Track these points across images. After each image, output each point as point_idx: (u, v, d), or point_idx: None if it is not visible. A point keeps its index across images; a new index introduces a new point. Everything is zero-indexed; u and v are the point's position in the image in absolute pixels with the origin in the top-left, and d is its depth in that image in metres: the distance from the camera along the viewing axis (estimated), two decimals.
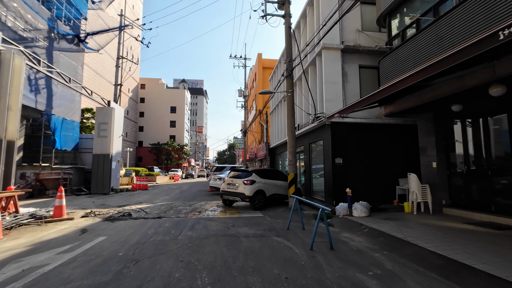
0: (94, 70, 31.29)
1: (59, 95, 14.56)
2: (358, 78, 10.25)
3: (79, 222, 6.85)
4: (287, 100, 9.71)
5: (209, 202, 10.73)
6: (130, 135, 43.81)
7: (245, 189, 8.64)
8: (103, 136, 15.12)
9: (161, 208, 8.98)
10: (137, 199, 12.05)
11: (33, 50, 12.37)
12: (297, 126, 13.03)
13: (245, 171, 9.42)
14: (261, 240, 5.16)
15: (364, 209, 7.20)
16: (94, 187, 14.72)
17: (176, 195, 13.96)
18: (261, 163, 25.41)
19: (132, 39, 42.40)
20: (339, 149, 9.58)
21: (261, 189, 8.96)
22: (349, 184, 9.31)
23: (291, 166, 9.39)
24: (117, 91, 17.41)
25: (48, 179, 12.53)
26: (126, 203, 10.41)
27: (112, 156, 15.29)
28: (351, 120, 9.70)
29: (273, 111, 20.47)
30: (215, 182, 14.01)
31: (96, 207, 9.52)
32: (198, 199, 12.03)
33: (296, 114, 9.81)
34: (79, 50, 16.54)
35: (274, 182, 9.66)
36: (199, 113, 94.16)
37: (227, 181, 9.35)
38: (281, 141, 17.49)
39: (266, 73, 29.92)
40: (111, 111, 15.36)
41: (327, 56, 10.07)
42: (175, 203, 10.37)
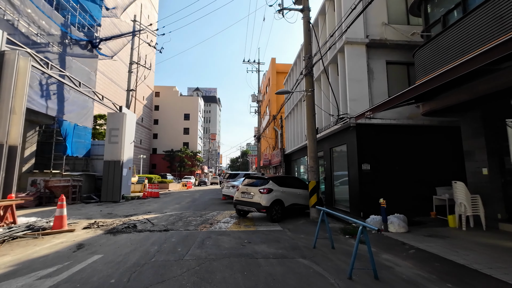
0: (109, 78, 31.71)
1: (71, 100, 14.37)
2: (386, 75, 9.24)
3: (78, 235, 6.17)
4: (307, 100, 8.82)
5: (221, 212, 9.89)
6: (145, 142, 44.08)
7: (261, 199, 7.74)
8: (114, 142, 14.74)
9: (169, 219, 8.21)
10: (147, 208, 11.40)
11: (45, 55, 12.24)
12: (316, 129, 12.05)
13: (261, 178, 8.53)
14: (284, 263, 4.23)
15: (402, 223, 6.11)
16: (104, 194, 14.26)
17: (188, 203, 13.22)
18: (276, 170, 24.42)
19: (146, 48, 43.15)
20: (366, 154, 8.53)
21: (279, 199, 8.03)
22: (378, 193, 8.23)
23: (312, 173, 8.43)
24: (129, 97, 17.14)
25: (57, 186, 12.15)
26: (134, 213, 9.75)
27: (123, 163, 14.85)
28: (378, 121, 8.66)
29: (288, 116, 19.59)
30: (228, 190, 13.19)
31: (102, 216, 8.90)
32: (210, 208, 11.23)
33: (315, 117, 8.96)
34: (93, 56, 16.46)
35: (293, 191, 8.71)
36: (212, 120, 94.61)
37: (241, 189, 8.49)
38: (297, 146, 16.53)
39: (280, 78, 29.23)
40: (123, 116, 15.00)
41: (350, 51, 9.15)
42: (185, 213, 9.60)
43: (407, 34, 9.23)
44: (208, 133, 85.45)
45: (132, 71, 17.53)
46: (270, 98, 29.89)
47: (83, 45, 15.60)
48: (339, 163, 10.51)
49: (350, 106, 8.77)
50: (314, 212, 8.17)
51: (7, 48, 7.78)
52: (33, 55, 8.77)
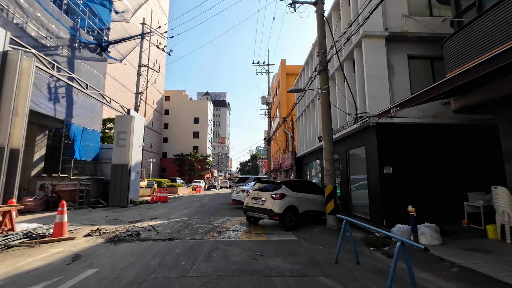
0: (120, 83, 31.98)
1: (80, 104, 14.25)
2: (407, 70, 8.51)
3: (77, 244, 5.74)
4: (322, 98, 8.20)
5: (230, 218, 9.32)
6: (155, 146, 44.27)
7: (273, 205, 7.14)
8: (122, 146, 14.49)
9: (175, 226, 7.71)
10: (153, 213, 10.98)
11: (54, 58, 12.14)
12: None
13: (272, 182, 7.93)
14: (303, 282, 3.61)
15: (435, 234, 5.38)
16: (112, 199, 13.98)
17: (196, 208, 12.74)
18: (287, 173, 23.72)
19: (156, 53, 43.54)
20: (388, 156, 7.81)
21: (293, 205, 7.40)
22: (402, 199, 7.48)
23: (328, 177, 7.76)
24: (137, 100, 16.96)
25: (64, 190, 11.92)
26: (140, 219, 9.33)
27: (131, 167, 14.56)
28: (401, 120, 7.93)
29: (300, 118, 18.94)
30: (237, 195, 12.63)
31: (106, 223, 8.50)
32: (218, 214, 10.69)
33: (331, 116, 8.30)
34: (102, 60, 16.40)
35: (308, 196, 8.06)
36: (222, 124, 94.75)
37: (252, 194, 7.91)
38: (309, 149, 15.84)
39: (290, 80, 28.66)
40: (131, 119, 14.77)
41: (368, 45, 8.50)
42: (192, 219, 9.09)
43: (431, 26, 8.50)
44: (217, 137, 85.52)
45: (141, 74, 17.37)
46: (280, 100, 29.33)
47: (92, 48, 15.55)
48: (357, 166, 9.79)
49: (369, 104, 8.09)
50: (331, 220, 7.48)
51: (11, 48, 7.56)
52: (37, 55, 8.56)
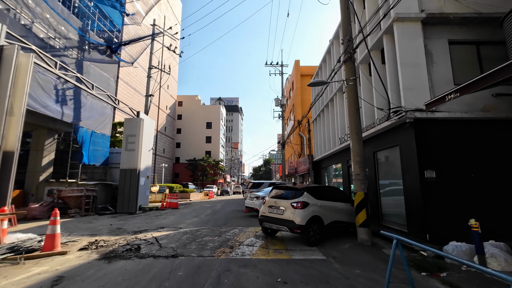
0: (133, 88, 32.01)
1: (88, 107, 13.82)
2: (449, 57, 7.30)
3: (67, 261, 4.92)
4: (348, 91, 7.12)
5: (244, 229, 8.31)
6: (168, 151, 44.16)
7: (295, 215, 6.08)
8: (130, 150, 13.89)
9: (182, 238, 6.78)
10: (161, 221, 10.15)
11: (61, 60, 11.75)
12: None
13: (292, 188, 6.88)
14: None
15: (510, 257, 4.14)
16: (120, 205, 13.33)
17: (207, 216, 11.83)
18: (303, 179, 22.49)
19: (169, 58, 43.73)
20: (429, 158, 6.60)
21: (317, 215, 6.31)
22: (449, 208, 6.25)
23: (358, 182, 6.63)
24: (147, 102, 16.44)
25: (70, 196, 11.36)
26: (146, 228, 8.51)
27: (140, 171, 13.91)
28: (444, 115, 6.72)
29: (317, 119, 17.79)
30: (251, 202, 11.62)
31: (109, 233, 7.72)
32: (231, 223, 9.71)
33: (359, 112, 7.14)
34: (112, 62, 16.04)
35: (334, 205, 6.94)
36: (235, 129, 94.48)
37: (269, 202, 6.89)
38: (327, 152, 14.65)
39: (304, 81, 27.59)
40: (140, 122, 14.18)
41: (402, 30, 7.37)
42: (202, 229, 8.14)
43: (474, 5, 7.29)
44: (230, 142, 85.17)
45: (151, 76, 16.88)
46: (295, 102, 28.26)
47: (102, 50, 15.21)
48: (388, 170, 8.57)
49: (405, 97, 6.93)
50: (363, 233, 6.32)
51: (6, 43, 7.02)
52: (38, 52, 8.02)
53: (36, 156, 13.55)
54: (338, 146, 12.55)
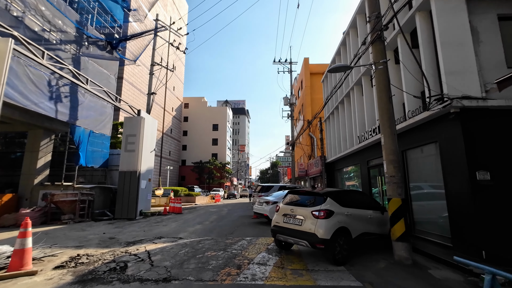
0: (138, 89, 31.39)
1: (86, 105, 12.98)
2: (499, 35, 6.07)
3: (32, 286, 3.89)
4: (378, 77, 5.96)
5: (253, 240, 7.17)
6: (174, 154, 43.45)
7: (316, 227, 4.91)
8: (130, 150, 12.97)
9: (180, 253, 5.69)
10: (161, 229, 9.11)
11: (56, 54, 10.95)
12: (377, 127, 9.01)
13: (311, 193, 5.71)
14: None
15: None
16: (118, 210, 12.39)
17: (212, 223, 10.74)
18: (314, 181, 21.22)
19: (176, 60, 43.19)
20: (481, 156, 5.37)
21: (344, 227, 5.13)
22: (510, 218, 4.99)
23: (393, 185, 5.42)
24: (150, 101, 15.56)
25: (63, 201, 10.46)
26: (141, 238, 7.47)
27: (140, 174, 12.96)
28: (500, 103, 5.48)
29: (330, 117, 16.58)
30: (260, 207, 10.48)
31: (98, 244, 6.71)
32: (239, 231, 8.59)
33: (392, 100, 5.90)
34: (113, 58, 15.24)
35: (362, 213, 5.75)
36: (241, 132, 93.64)
37: (283, 210, 5.74)
38: (343, 153, 13.41)
39: (314, 80, 26.43)
40: (140, 121, 13.26)
41: (441, 5, 6.19)
42: (205, 241, 7.04)
43: None
44: (237, 145, 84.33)
45: (154, 73, 16.02)
46: (304, 102, 27.08)
47: (101, 46, 14.42)
48: (421, 171, 7.34)
49: (448, 82, 5.72)
50: (401, 249, 5.10)
51: None
52: (20, 38, 7.13)
53: (31, 157, 12.75)
54: (356, 146, 11.32)
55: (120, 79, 28.15)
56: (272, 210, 9.93)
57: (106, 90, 11.40)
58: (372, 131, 9.39)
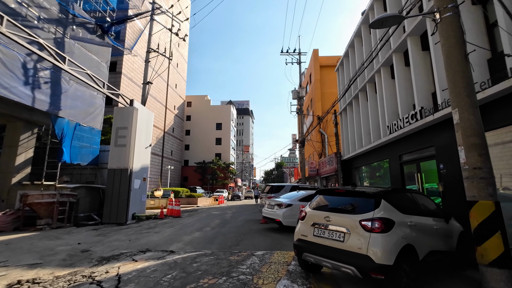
0: (139, 86, 29.91)
1: (72, 94, 11.43)
2: None
3: None
4: (446, 28, 4.19)
5: (267, 256, 5.44)
6: (176, 154, 41.92)
7: (371, 245, 3.16)
8: (121, 145, 11.37)
9: (163, 281, 3.97)
10: (150, 238, 7.45)
11: (34, 32, 9.41)
12: (418, 111, 7.22)
13: (355, 193, 3.90)
14: None
15: None
16: (106, 214, 10.78)
17: (213, 229, 9.05)
18: (327, 182, 19.40)
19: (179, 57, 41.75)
20: None
21: (411, 245, 3.38)
22: None
23: (479, 182, 3.64)
24: (145, 91, 13.95)
25: (38, 203, 8.86)
26: (122, 251, 5.82)
27: (132, 172, 11.35)
28: None
29: (346, 109, 14.80)
30: (271, 211, 8.75)
31: (61, 261, 5.07)
32: (246, 241, 6.89)
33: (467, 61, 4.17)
34: (104, 44, 13.68)
35: (427, 222, 3.98)
36: (245, 132, 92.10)
37: (312, 217, 4.01)
38: (364, 148, 11.62)
39: (324, 73, 24.69)
40: (132, 112, 11.66)
41: None
42: (202, 257, 5.33)
43: None
44: (241, 145, 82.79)
45: (150, 61, 14.43)
46: (313, 97, 25.32)
47: (91, 29, 12.88)
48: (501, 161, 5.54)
49: None
50: (498, 280, 3.32)
51: None
52: None
53: (9, 153, 11.24)
54: (383, 138, 9.53)
55: (118, 74, 26.76)
56: (287, 214, 8.22)
57: (90, 73, 9.79)
58: (411, 117, 7.60)
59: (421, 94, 7.50)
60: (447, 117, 6.24)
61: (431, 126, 7.03)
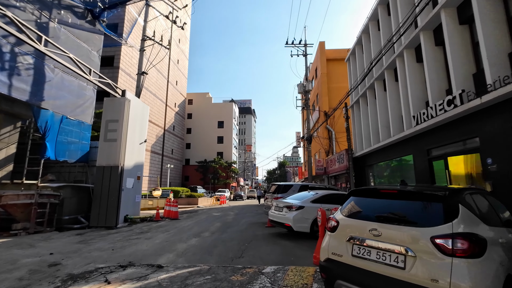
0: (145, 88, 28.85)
1: (57, 83, 10.33)
2: None
3: None
4: None
5: (279, 275, 4.27)
6: (177, 153, 40.86)
7: (457, 280, 1.99)
8: (111, 140, 10.26)
9: None
10: (138, 247, 6.32)
11: (14, 13, 8.31)
12: (457, 95, 6.01)
13: (412, 194, 2.70)
14: None
15: None
16: (94, 216, 9.68)
17: (213, 234, 7.91)
18: (336, 181, 18.20)
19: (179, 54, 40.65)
20: None
21: (511, 275, 2.19)
22: None
23: None
24: (140, 82, 12.83)
25: (14, 205, 7.76)
26: (99, 265, 4.69)
27: (123, 169, 10.24)
28: None
29: (359, 102, 13.58)
30: (280, 215, 7.57)
31: (16, 280, 3.95)
32: (251, 252, 5.73)
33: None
34: (94, 31, 12.55)
35: (510, 237, 2.79)
36: (248, 131, 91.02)
37: (349, 228, 2.84)
38: (383, 142, 10.42)
39: (332, 67, 23.48)
40: (125, 103, 10.55)
41: None
42: (196, 276, 4.17)
43: None
44: (243, 145, 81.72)
45: (145, 50, 13.31)
46: (319, 91, 24.11)
47: (79, 13, 11.76)
48: None
49: None
50: None
51: None
52: None
53: None
54: (408, 131, 8.32)
55: (116, 68, 25.70)
56: (298, 218, 7.05)
57: (73, 56, 8.67)
58: (446, 104, 6.39)
59: (459, 75, 6.29)
60: (501, 100, 5.03)
61: (474, 112, 5.83)
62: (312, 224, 7.06)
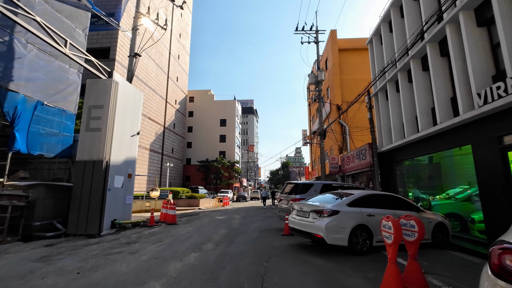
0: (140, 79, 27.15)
1: (30, 62, 8.60)
2: None
3: None
4: None
5: None
6: (177, 152, 39.15)
7: None
8: (94, 129, 8.52)
9: None
10: (114, 267, 4.54)
11: None
12: None
13: None
14: None
15: None
16: (73, 222, 7.93)
17: (218, 247, 6.12)
18: (354, 180, 16.35)
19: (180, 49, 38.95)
20: None
21: None
22: None
23: None
24: (132, 66, 11.08)
25: None
26: None
27: (109, 165, 8.50)
28: None
29: (387, 87, 11.74)
30: (305, 222, 5.76)
31: None
32: (274, 276, 3.95)
33: None
34: (79, 6, 10.85)
35: None
36: (250, 132, 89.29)
37: None
38: (422, 133, 8.59)
39: (344, 57, 21.68)
40: (111, 86, 8.80)
41: None
42: None
43: None
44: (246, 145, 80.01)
45: (138, 29, 11.58)
46: (330, 84, 22.31)
47: None
48: None
49: None
50: None
51: None
52: None
53: None
54: (468, 114, 6.49)
55: (112, 60, 24.01)
56: (332, 227, 5.25)
57: (40, 20, 6.92)
58: None
59: None
60: None
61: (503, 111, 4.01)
62: (350, 234, 5.26)
